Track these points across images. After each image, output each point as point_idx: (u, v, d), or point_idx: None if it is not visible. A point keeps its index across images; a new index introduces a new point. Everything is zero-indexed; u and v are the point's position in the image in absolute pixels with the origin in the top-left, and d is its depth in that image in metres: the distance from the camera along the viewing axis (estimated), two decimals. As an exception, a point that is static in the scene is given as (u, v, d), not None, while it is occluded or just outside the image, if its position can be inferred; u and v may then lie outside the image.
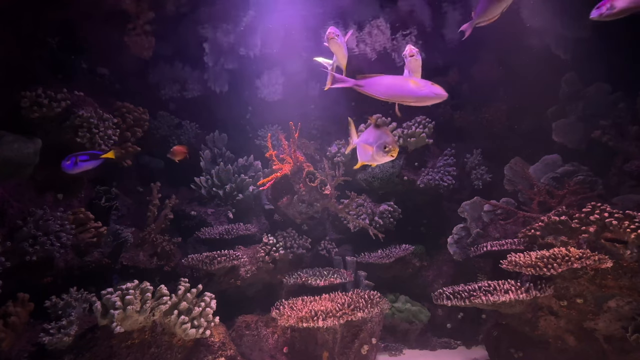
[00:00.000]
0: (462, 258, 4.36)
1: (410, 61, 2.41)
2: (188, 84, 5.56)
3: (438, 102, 2.13)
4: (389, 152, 2.23)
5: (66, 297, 3.14)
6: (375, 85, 2.11)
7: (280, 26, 5.20)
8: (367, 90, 2.14)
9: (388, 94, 2.11)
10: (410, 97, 2.10)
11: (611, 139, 4.38)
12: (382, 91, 2.10)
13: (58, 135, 3.52)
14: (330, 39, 2.56)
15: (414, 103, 2.14)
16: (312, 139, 5.53)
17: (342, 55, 2.70)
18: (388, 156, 2.28)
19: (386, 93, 2.10)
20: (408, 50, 2.38)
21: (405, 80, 2.14)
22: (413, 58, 2.39)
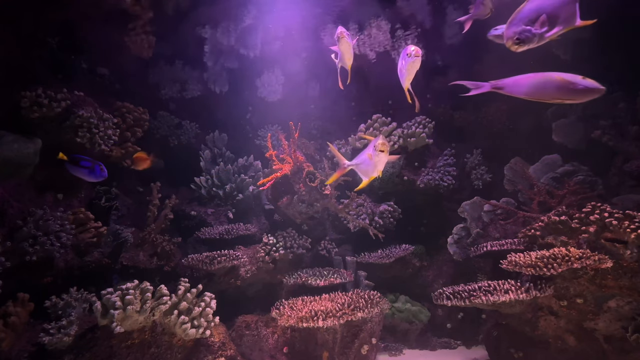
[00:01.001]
0: (462, 258, 4.36)
1: (415, 61, 2.38)
2: (188, 84, 5.56)
3: (596, 97, 2.00)
4: (378, 149, 2.24)
5: (66, 297, 3.14)
6: (518, 86, 2.06)
7: (280, 26, 5.20)
8: (508, 91, 2.09)
9: (534, 93, 2.00)
10: (561, 94, 1.99)
11: (611, 139, 4.38)
12: (526, 91, 2.02)
13: (58, 135, 3.52)
14: (340, 37, 2.55)
15: (567, 100, 2.02)
16: (312, 139, 5.53)
17: (349, 56, 2.70)
18: (383, 155, 2.27)
19: (531, 92, 2.00)
20: (414, 51, 2.35)
21: (550, 76, 2.01)
22: (418, 59, 2.37)
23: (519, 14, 1.83)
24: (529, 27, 1.83)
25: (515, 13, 1.84)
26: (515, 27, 1.85)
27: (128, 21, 4.37)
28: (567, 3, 1.83)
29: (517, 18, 1.84)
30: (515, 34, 1.83)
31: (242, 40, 5.22)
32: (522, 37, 1.83)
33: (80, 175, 3.21)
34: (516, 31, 1.84)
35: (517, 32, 1.83)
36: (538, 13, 1.82)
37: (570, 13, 1.84)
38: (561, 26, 1.86)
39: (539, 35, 1.83)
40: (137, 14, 4.30)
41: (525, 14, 1.83)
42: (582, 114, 4.73)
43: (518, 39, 1.83)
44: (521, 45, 1.85)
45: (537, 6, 1.83)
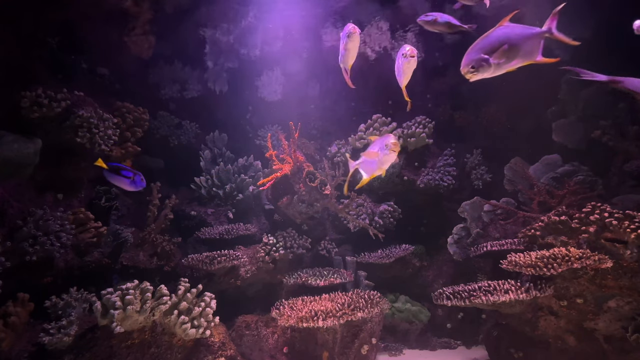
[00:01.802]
0: (462, 258, 4.36)
1: (410, 61, 2.39)
2: (188, 84, 5.56)
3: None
4: (389, 149, 2.24)
5: (66, 297, 3.14)
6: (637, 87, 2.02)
7: (280, 26, 5.20)
8: (627, 86, 2.06)
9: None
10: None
11: (611, 139, 4.38)
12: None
13: (58, 135, 3.52)
14: (352, 33, 2.54)
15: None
16: (312, 139, 5.53)
17: (353, 55, 2.70)
18: (391, 153, 2.27)
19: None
20: (409, 51, 2.35)
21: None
22: (414, 59, 2.38)
23: (481, 41, 1.80)
24: (486, 57, 1.80)
25: (479, 40, 1.80)
26: (474, 54, 1.81)
27: (128, 21, 4.37)
28: (533, 38, 1.82)
29: (478, 46, 1.81)
30: (472, 62, 1.80)
31: (242, 40, 5.21)
32: (476, 66, 1.80)
33: (120, 184, 3.15)
34: (473, 59, 1.80)
35: (474, 61, 1.80)
36: (500, 43, 1.79)
37: (534, 48, 1.83)
38: (521, 60, 1.83)
39: (495, 65, 1.80)
40: (137, 14, 4.30)
41: (487, 43, 1.79)
42: (582, 114, 4.73)
43: (473, 67, 1.80)
44: (474, 74, 1.83)
45: (501, 36, 1.79)
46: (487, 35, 1.80)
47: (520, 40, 1.79)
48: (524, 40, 1.80)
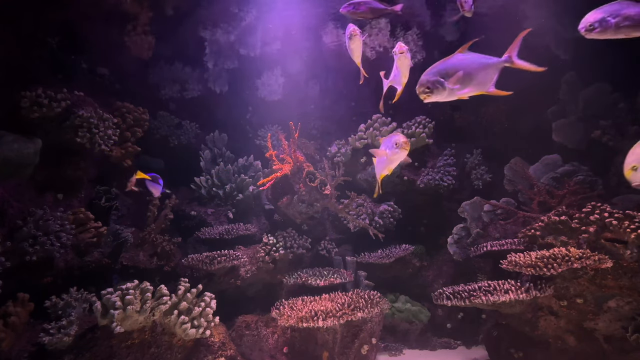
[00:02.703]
0: (462, 258, 4.36)
1: (400, 58, 2.42)
2: (188, 84, 5.56)
3: None
4: (400, 147, 2.24)
5: (66, 297, 3.14)
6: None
7: (280, 26, 5.20)
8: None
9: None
10: None
11: (611, 139, 4.38)
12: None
13: (58, 135, 3.52)
14: (353, 35, 2.57)
15: None
16: (312, 139, 5.52)
17: (359, 54, 2.72)
18: (401, 151, 2.28)
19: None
20: (398, 48, 2.39)
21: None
22: (403, 55, 2.40)
23: (439, 65, 1.82)
24: (442, 80, 1.82)
25: (438, 63, 1.82)
26: (431, 76, 1.83)
27: (128, 21, 4.37)
28: (490, 68, 1.84)
29: (436, 69, 1.83)
30: (428, 83, 1.82)
31: (242, 40, 5.21)
32: (432, 88, 1.82)
33: (154, 190, 3.45)
34: (429, 80, 1.82)
35: (430, 82, 1.81)
36: (456, 69, 1.81)
37: (488, 79, 1.86)
38: (474, 89, 1.86)
39: (450, 90, 1.82)
40: (137, 14, 4.30)
41: (444, 67, 1.81)
42: (582, 114, 4.73)
43: (428, 88, 1.81)
44: (429, 96, 1.85)
45: (458, 63, 1.81)
46: (447, 59, 1.82)
47: (476, 70, 1.82)
48: (480, 70, 1.82)
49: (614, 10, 1.97)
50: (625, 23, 1.94)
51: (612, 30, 2.00)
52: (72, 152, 3.64)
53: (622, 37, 2.03)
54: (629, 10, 1.93)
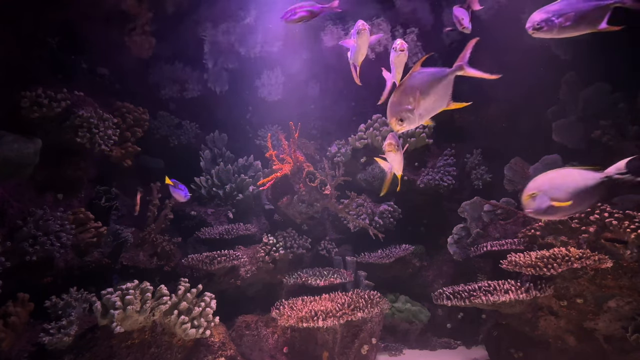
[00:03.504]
0: (462, 258, 4.36)
1: (399, 55, 2.40)
2: (188, 84, 5.56)
3: None
4: (387, 150, 2.25)
5: (66, 297, 3.14)
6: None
7: (280, 26, 5.20)
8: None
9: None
10: None
11: (611, 139, 4.38)
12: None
13: (58, 135, 3.52)
14: (362, 30, 2.55)
15: None
16: (312, 139, 5.52)
17: (363, 52, 2.71)
18: (392, 154, 2.29)
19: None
20: (399, 45, 2.37)
21: None
22: (402, 53, 2.39)
23: (398, 94, 1.81)
24: (408, 107, 1.81)
25: (396, 92, 1.81)
26: (396, 108, 1.81)
27: (128, 21, 4.37)
28: (443, 81, 1.83)
29: (397, 99, 1.82)
30: (397, 114, 1.79)
31: (242, 40, 5.21)
32: (404, 118, 1.80)
33: (178, 197, 3.65)
34: (398, 111, 1.80)
35: (399, 113, 1.79)
36: (414, 91, 1.79)
37: (445, 92, 1.86)
38: (436, 105, 1.85)
39: (418, 115, 1.82)
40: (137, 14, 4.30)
41: (404, 94, 1.79)
42: (582, 114, 4.73)
43: (401, 120, 1.80)
44: (402, 126, 1.84)
45: (416, 83, 1.79)
46: (404, 82, 1.80)
47: (430, 85, 1.80)
48: (434, 84, 1.81)
49: (558, 10, 2.00)
50: (567, 23, 1.98)
51: (557, 30, 2.02)
52: (72, 152, 3.64)
53: (567, 36, 2.06)
54: (570, 11, 1.97)
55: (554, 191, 1.84)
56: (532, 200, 1.87)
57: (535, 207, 1.86)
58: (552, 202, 1.82)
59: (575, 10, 1.96)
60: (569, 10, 1.97)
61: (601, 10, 1.97)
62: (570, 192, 1.84)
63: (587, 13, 1.97)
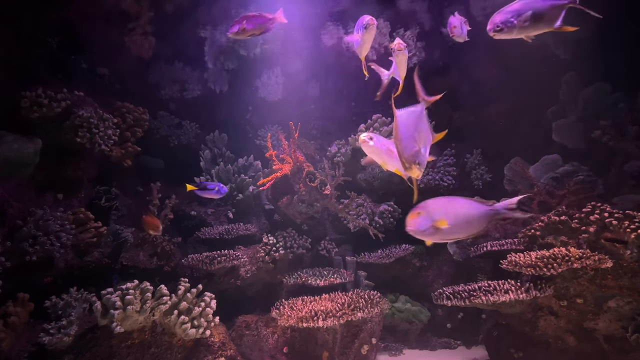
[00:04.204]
0: (462, 258, 4.36)
1: (398, 55, 2.41)
2: (188, 84, 5.56)
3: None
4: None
5: (66, 297, 3.14)
6: None
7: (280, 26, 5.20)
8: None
9: None
10: None
11: (611, 139, 4.38)
12: None
13: (58, 135, 3.52)
14: (369, 25, 2.55)
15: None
16: (312, 139, 5.52)
17: (368, 46, 2.72)
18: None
19: None
20: (396, 45, 2.38)
21: None
22: (401, 52, 2.40)
23: (408, 145, 1.86)
24: (421, 151, 1.86)
25: (403, 142, 1.87)
26: (409, 155, 1.85)
27: (128, 21, 4.37)
28: (420, 123, 1.91)
29: (409, 148, 1.87)
30: (412, 159, 1.84)
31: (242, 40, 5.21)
32: (420, 161, 1.85)
33: (209, 195, 3.75)
34: (412, 156, 1.84)
35: (413, 157, 1.84)
36: (410, 132, 1.86)
37: (426, 132, 1.93)
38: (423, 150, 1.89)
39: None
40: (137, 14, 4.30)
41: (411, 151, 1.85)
42: (582, 114, 4.74)
43: (418, 163, 1.84)
44: (421, 169, 1.88)
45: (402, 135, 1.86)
46: (399, 133, 1.87)
47: (419, 123, 1.89)
48: (420, 122, 1.91)
49: (516, 10, 2.07)
50: (525, 24, 2.05)
51: (516, 30, 2.09)
52: (72, 152, 3.64)
53: (527, 35, 2.14)
54: (527, 10, 2.04)
55: (437, 214, 1.92)
56: (415, 218, 1.95)
57: (416, 226, 1.95)
58: (433, 223, 1.90)
59: (533, 9, 2.03)
60: (526, 10, 2.04)
61: (558, 9, 2.03)
62: (452, 218, 1.91)
63: (544, 12, 2.04)
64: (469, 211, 1.94)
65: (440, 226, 1.89)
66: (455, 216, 1.92)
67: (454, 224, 1.90)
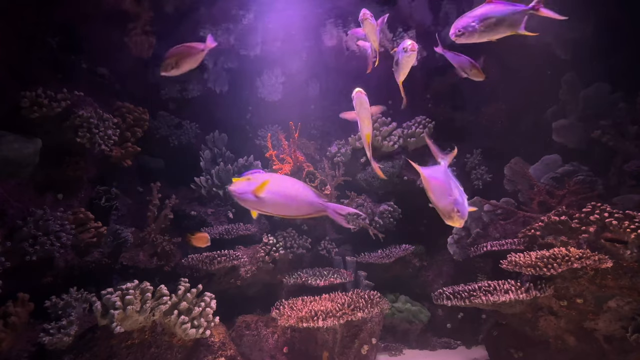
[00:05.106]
0: (462, 258, 4.36)
1: (410, 55, 2.40)
2: (188, 84, 5.56)
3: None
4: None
5: (66, 297, 3.14)
6: None
7: (280, 26, 5.20)
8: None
9: None
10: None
11: (611, 139, 4.38)
12: None
13: (58, 135, 3.51)
14: (364, 19, 2.59)
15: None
16: (312, 139, 5.52)
17: (374, 37, 2.74)
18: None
19: None
20: (410, 45, 2.36)
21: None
22: (414, 54, 2.39)
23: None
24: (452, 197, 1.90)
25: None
26: (447, 206, 1.90)
27: (128, 21, 4.37)
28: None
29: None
30: (451, 208, 1.87)
31: (242, 40, 5.21)
32: (460, 209, 1.87)
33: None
34: (450, 205, 1.88)
35: (452, 206, 1.87)
36: (445, 185, 1.93)
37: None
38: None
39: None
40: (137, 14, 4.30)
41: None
42: (582, 114, 4.73)
43: (457, 210, 1.86)
44: (463, 217, 1.91)
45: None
46: (432, 187, 1.96)
47: (448, 177, 1.94)
48: (448, 177, 1.96)
49: (479, 16, 2.14)
50: (487, 29, 2.13)
51: (477, 35, 2.16)
52: (72, 152, 3.64)
53: (488, 39, 2.21)
54: (490, 16, 2.13)
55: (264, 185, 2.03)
56: (242, 181, 2.05)
57: (236, 187, 2.05)
58: (254, 190, 2.01)
59: (496, 15, 2.12)
60: (489, 15, 2.12)
61: (520, 15, 2.12)
62: (275, 193, 2.03)
63: (506, 18, 2.12)
64: (299, 195, 2.05)
65: (258, 194, 1.98)
66: (279, 193, 2.03)
67: (274, 198, 2.02)
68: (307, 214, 2.09)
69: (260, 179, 2.04)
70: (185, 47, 2.79)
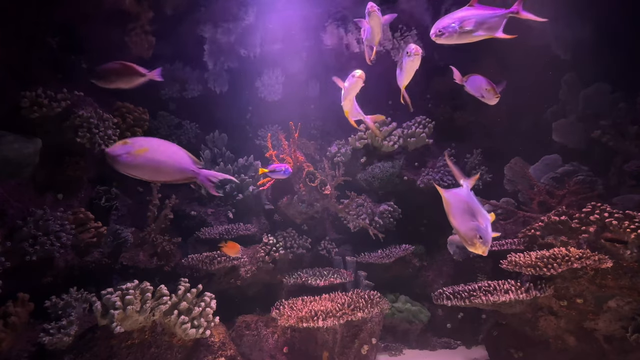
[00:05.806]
0: (462, 258, 4.36)
1: (414, 60, 2.40)
2: (188, 84, 5.55)
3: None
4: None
5: (66, 297, 3.14)
6: None
7: (280, 26, 5.20)
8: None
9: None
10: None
11: (611, 139, 4.38)
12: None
13: (58, 135, 3.52)
14: (371, 12, 2.59)
15: None
16: (312, 139, 5.52)
17: (378, 32, 2.74)
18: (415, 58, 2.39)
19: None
20: (414, 49, 2.36)
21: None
22: (417, 57, 2.39)
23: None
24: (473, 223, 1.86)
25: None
26: (470, 231, 1.84)
27: (128, 21, 4.36)
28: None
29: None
30: (474, 233, 1.81)
31: (242, 40, 5.21)
32: (482, 234, 1.80)
33: (277, 176, 3.75)
34: (472, 231, 1.83)
35: (474, 232, 1.81)
36: (464, 209, 1.90)
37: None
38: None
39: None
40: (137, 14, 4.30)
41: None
42: (582, 114, 4.74)
43: (480, 237, 1.80)
44: (487, 243, 1.85)
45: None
46: (453, 212, 1.93)
47: (469, 200, 1.92)
48: (471, 199, 1.93)
49: (459, 18, 2.18)
50: (466, 31, 2.18)
51: (457, 36, 2.21)
52: (72, 152, 3.64)
53: (467, 41, 2.25)
54: (469, 18, 2.17)
55: (139, 146, 2.11)
56: (120, 144, 2.14)
57: (113, 149, 2.15)
58: (131, 151, 2.09)
59: (476, 18, 2.16)
60: (469, 18, 2.16)
61: (500, 18, 2.15)
62: (152, 154, 2.11)
63: (486, 21, 2.17)
64: (173, 157, 2.09)
65: (136, 153, 2.04)
66: (153, 159, 2.07)
67: (145, 163, 2.07)
68: (178, 179, 2.13)
69: (138, 144, 2.09)
70: (129, 68, 2.75)
